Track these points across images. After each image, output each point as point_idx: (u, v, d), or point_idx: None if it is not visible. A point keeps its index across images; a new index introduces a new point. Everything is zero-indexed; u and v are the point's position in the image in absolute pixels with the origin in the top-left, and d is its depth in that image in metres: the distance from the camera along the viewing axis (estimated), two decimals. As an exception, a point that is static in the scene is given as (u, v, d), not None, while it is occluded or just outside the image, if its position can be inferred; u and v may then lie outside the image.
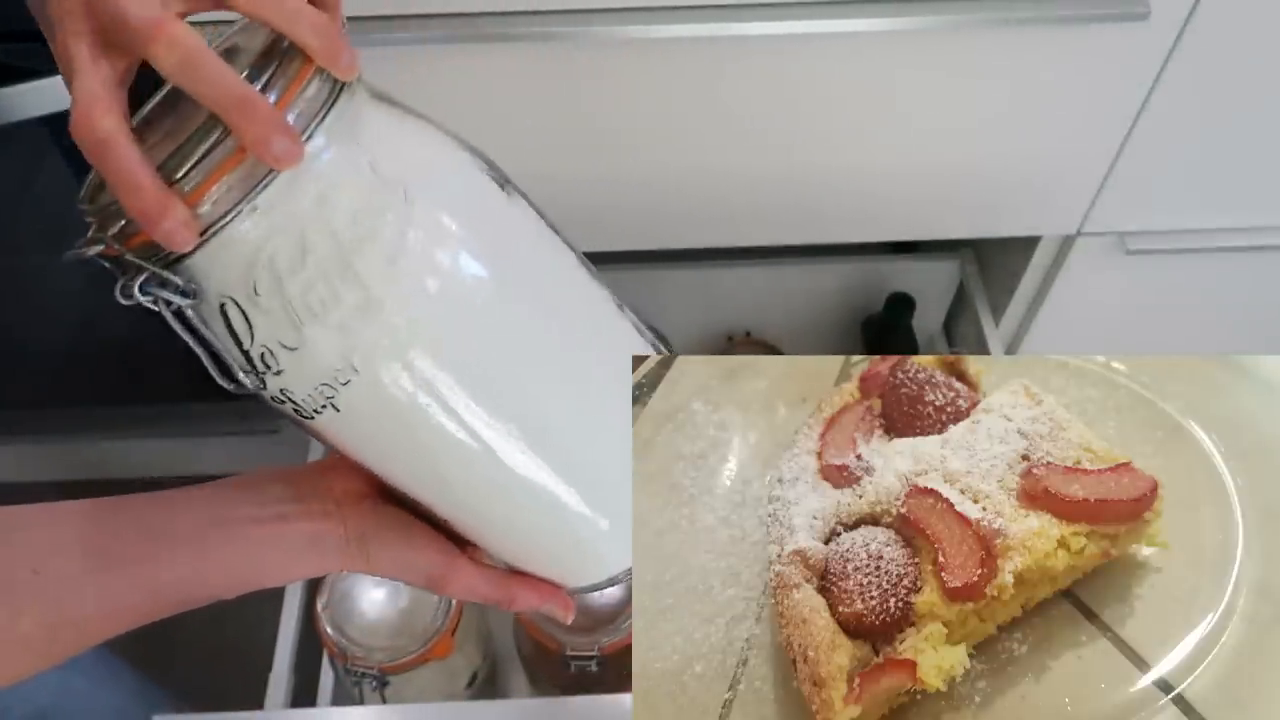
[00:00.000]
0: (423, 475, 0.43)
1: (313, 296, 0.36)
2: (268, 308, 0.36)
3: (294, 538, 0.45)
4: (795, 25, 0.73)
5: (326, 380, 0.37)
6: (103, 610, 0.43)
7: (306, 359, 0.36)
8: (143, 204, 0.34)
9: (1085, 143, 0.85)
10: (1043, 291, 1.02)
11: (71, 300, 0.99)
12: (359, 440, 0.41)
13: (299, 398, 0.38)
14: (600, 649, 0.75)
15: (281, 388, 0.38)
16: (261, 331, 0.37)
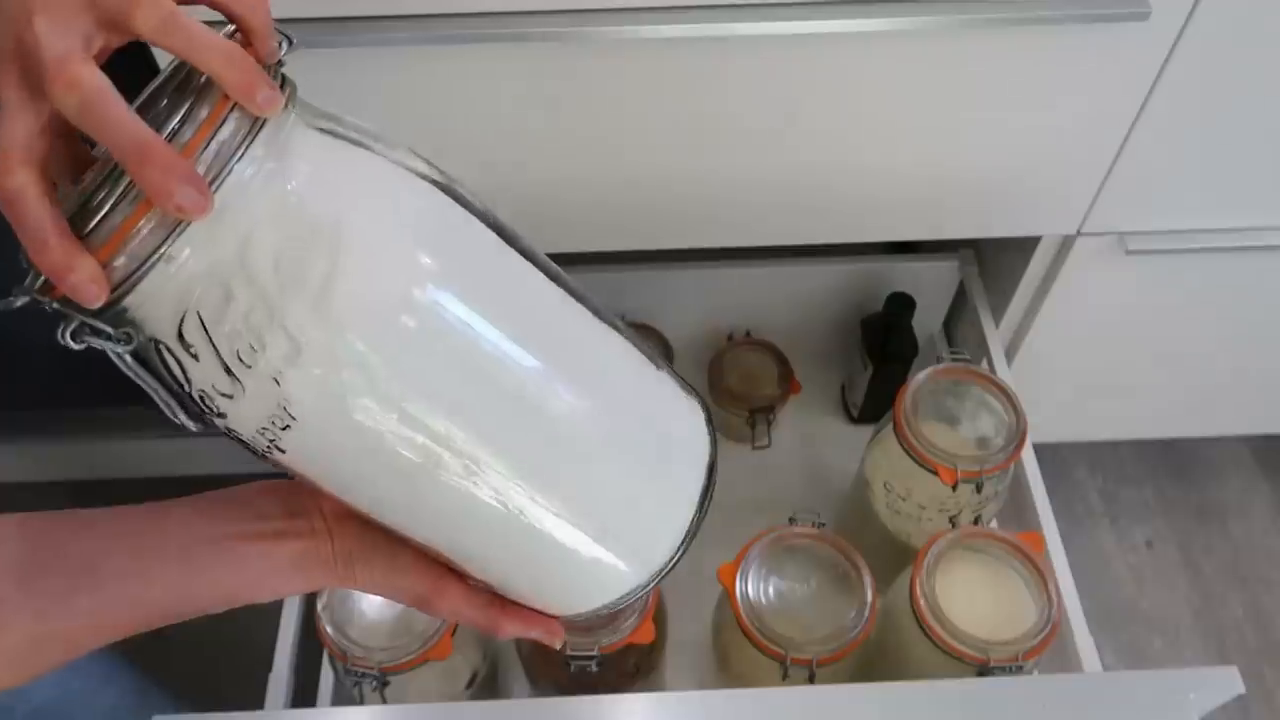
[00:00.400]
0: (383, 508, 0.42)
1: (240, 345, 0.34)
2: (198, 354, 0.35)
3: (281, 555, 0.45)
4: (795, 25, 0.73)
5: (265, 425, 0.36)
6: (88, 624, 0.43)
7: (243, 405, 0.35)
8: (49, 261, 0.33)
9: (1085, 143, 0.85)
10: (1043, 291, 1.02)
11: (71, 300, 0.99)
12: (314, 475, 0.40)
13: (245, 438, 0.37)
14: (600, 649, 0.75)
15: (227, 428, 0.37)
16: (196, 377, 0.35)
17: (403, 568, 0.46)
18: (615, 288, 1.10)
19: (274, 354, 0.34)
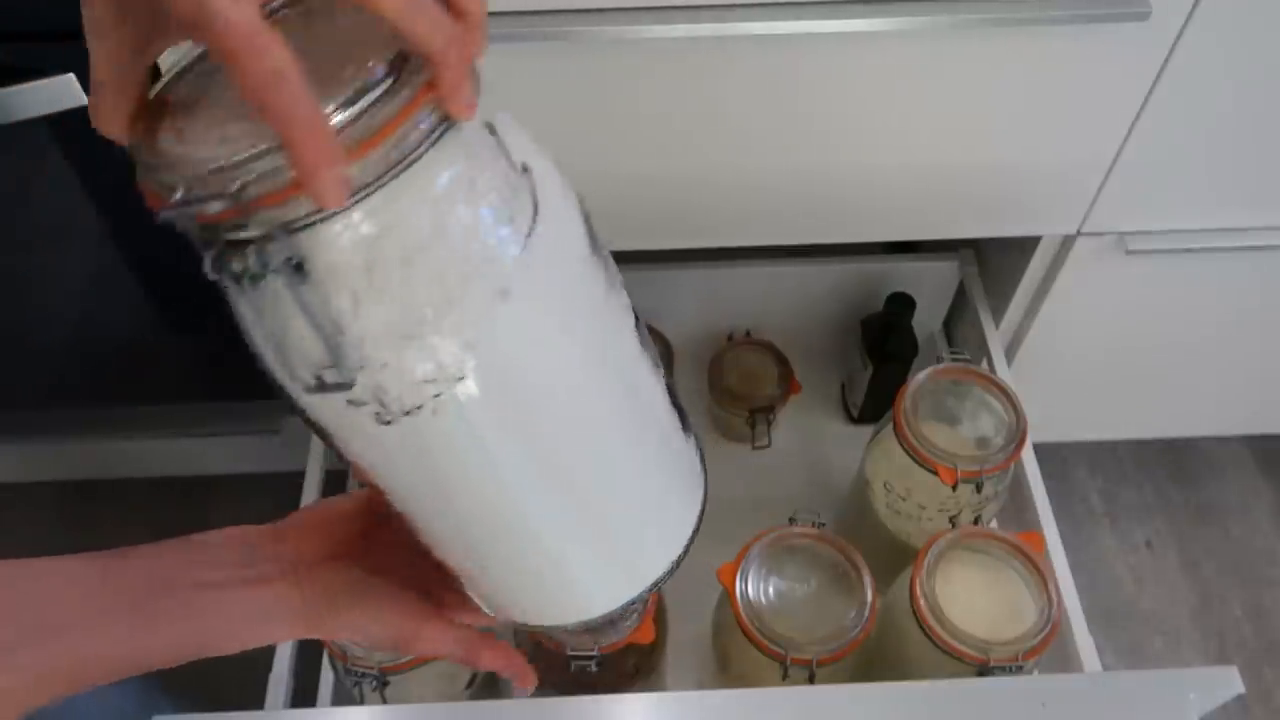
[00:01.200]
0: (460, 503, 0.39)
1: (444, 284, 0.33)
2: (385, 295, 0.32)
3: (244, 604, 0.43)
4: (795, 25, 0.73)
5: (431, 378, 0.34)
6: (36, 681, 0.40)
7: (415, 354, 0.33)
8: (315, 147, 0.29)
9: (1085, 143, 0.85)
10: (1043, 291, 1.02)
11: (71, 300, 0.99)
12: (415, 453, 0.37)
13: (390, 395, 0.34)
14: (600, 649, 0.75)
15: (378, 383, 0.34)
16: (369, 320, 0.33)
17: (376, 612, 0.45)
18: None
19: (479, 290, 0.33)
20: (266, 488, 1.23)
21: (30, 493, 1.29)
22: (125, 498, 1.30)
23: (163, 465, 1.29)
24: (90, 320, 1.02)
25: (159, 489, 1.30)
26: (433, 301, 0.33)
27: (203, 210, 0.31)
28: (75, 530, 1.28)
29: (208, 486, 1.31)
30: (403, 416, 0.34)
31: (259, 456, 1.25)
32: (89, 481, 1.28)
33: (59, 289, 0.98)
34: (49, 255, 0.94)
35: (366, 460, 0.38)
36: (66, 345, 1.05)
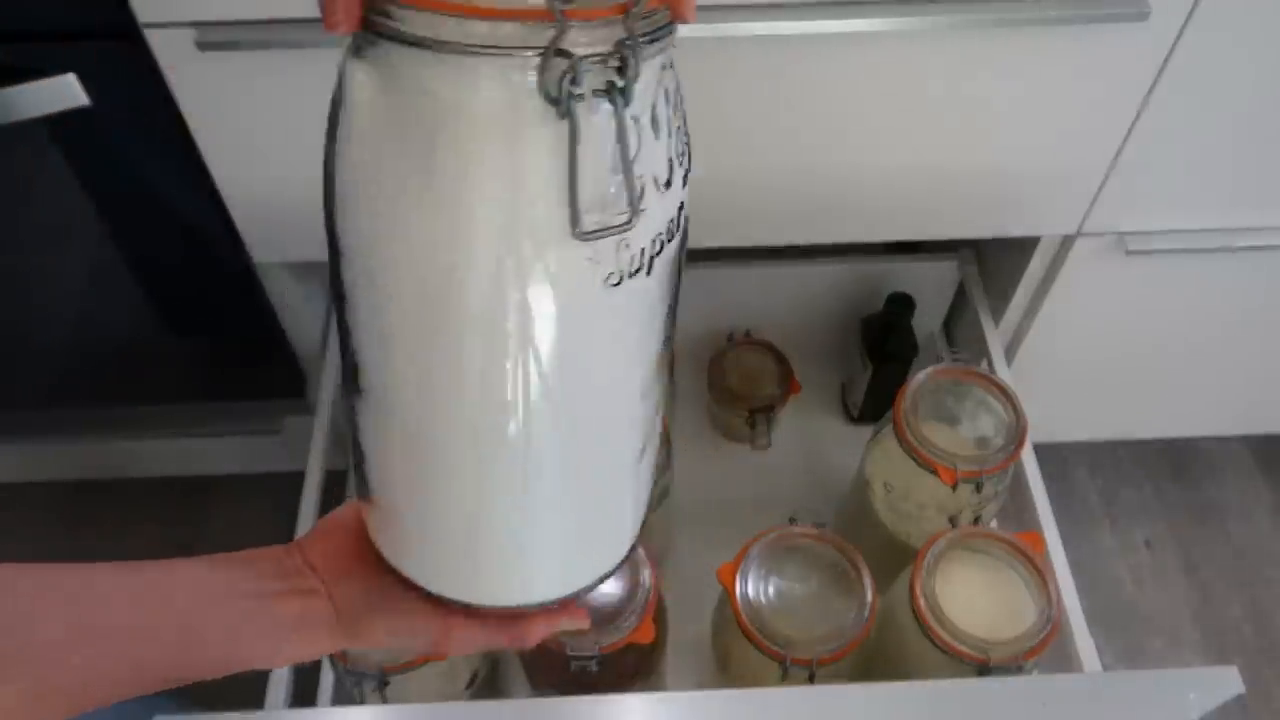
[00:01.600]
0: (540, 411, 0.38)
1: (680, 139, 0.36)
2: (659, 133, 0.34)
3: (280, 616, 0.44)
4: (796, 25, 0.73)
5: (660, 231, 0.35)
6: (87, 682, 0.41)
7: (665, 201, 0.35)
8: None
9: (1085, 143, 0.85)
10: (1042, 291, 1.02)
11: (71, 300, 0.99)
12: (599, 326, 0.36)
13: (644, 241, 0.35)
14: (600, 649, 0.75)
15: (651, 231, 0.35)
16: (649, 158, 0.34)
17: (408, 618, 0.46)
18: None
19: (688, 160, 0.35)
20: (266, 488, 1.23)
21: (30, 493, 1.29)
22: (125, 498, 1.30)
23: (163, 465, 1.29)
24: (90, 320, 1.02)
25: (159, 489, 1.30)
26: (674, 155, 0.35)
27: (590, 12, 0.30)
28: (75, 530, 1.28)
29: (208, 486, 1.31)
30: (627, 278, 0.35)
31: (259, 456, 1.25)
32: (89, 481, 1.28)
33: (59, 289, 0.98)
34: (49, 255, 0.94)
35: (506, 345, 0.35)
36: (66, 345, 1.05)
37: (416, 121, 0.32)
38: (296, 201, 0.87)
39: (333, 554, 0.47)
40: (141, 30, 0.72)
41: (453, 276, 0.33)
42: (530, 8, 0.30)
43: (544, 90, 0.30)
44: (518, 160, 0.32)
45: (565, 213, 0.32)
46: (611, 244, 0.33)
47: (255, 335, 1.04)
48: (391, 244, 0.34)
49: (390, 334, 0.37)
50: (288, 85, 0.77)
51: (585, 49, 0.30)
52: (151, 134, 0.81)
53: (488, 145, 0.32)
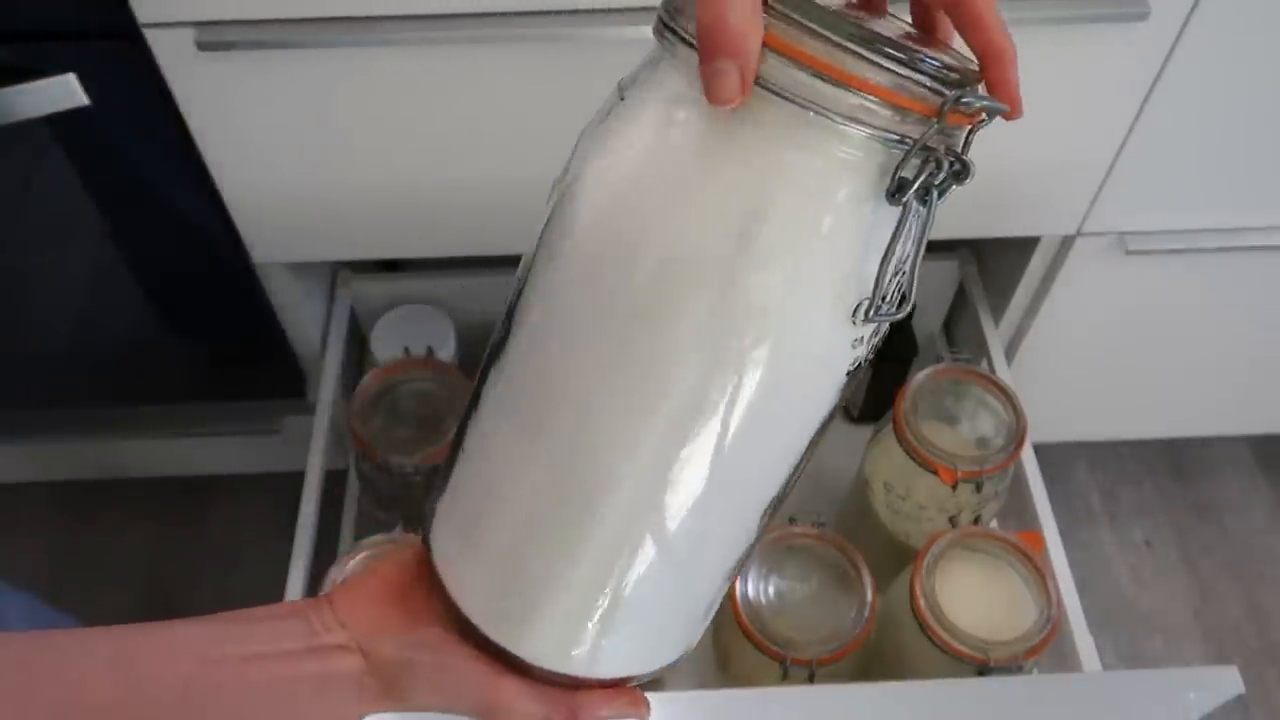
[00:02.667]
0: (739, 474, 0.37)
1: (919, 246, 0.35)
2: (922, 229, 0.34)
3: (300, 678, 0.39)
4: (795, 25, 0.73)
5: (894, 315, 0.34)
6: None
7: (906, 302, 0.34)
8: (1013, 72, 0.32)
9: (1085, 143, 0.85)
10: (1043, 291, 1.02)
11: (71, 300, 0.99)
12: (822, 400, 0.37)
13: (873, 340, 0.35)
14: (600, 649, 0.75)
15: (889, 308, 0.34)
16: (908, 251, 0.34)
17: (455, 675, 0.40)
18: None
19: None
20: (266, 488, 1.23)
21: (31, 492, 1.29)
22: (125, 498, 1.30)
23: (163, 465, 1.29)
24: (90, 320, 1.02)
25: (159, 489, 1.30)
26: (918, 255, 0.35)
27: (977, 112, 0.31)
28: (75, 530, 1.29)
29: (208, 486, 1.31)
30: (862, 364, 0.35)
31: (259, 456, 1.25)
32: (89, 481, 1.28)
33: (59, 289, 0.98)
34: (49, 255, 0.93)
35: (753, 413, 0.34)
36: (66, 345, 1.05)
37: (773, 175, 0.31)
38: (296, 201, 0.87)
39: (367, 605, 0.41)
40: (141, 30, 0.72)
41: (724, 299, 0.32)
42: (920, 101, 0.31)
43: (897, 178, 0.32)
44: (846, 233, 0.32)
45: (858, 291, 0.32)
46: (871, 332, 0.34)
47: (255, 335, 1.04)
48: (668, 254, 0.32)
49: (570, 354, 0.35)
50: (287, 85, 0.77)
51: (941, 144, 0.32)
52: (151, 134, 0.81)
53: (824, 211, 0.32)
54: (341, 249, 0.95)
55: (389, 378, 0.93)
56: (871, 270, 0.32)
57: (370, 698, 0.40)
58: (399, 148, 0.83)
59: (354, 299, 1.11)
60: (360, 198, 0.87)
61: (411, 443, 0.87)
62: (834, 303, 0.32)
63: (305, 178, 0.85)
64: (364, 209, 0.89)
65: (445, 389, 0.91)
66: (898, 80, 0.30)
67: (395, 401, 0.92)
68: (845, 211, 0.32)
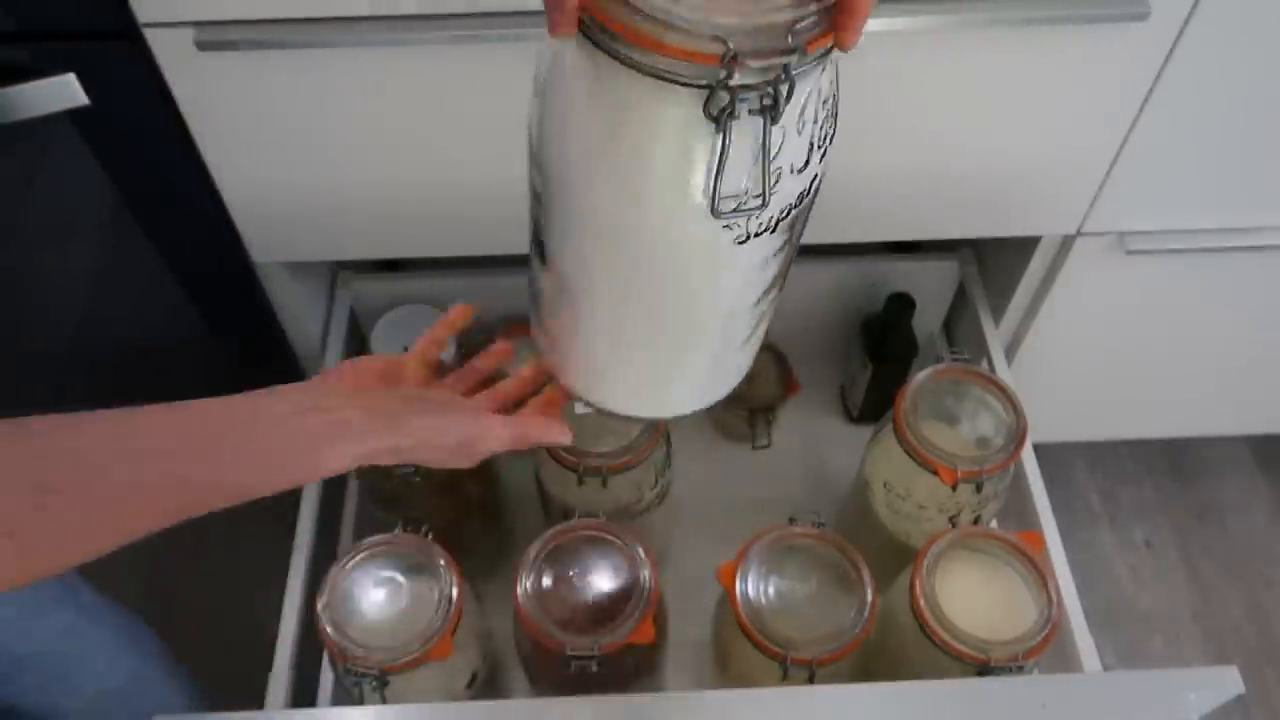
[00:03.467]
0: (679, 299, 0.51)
1: (821, 133, 0.45)
2: (802, 133, 0.43)
3: (315, 428, 0.49)
4: (795, 25, 0.73)
5: (791, 204, 0.46)
6: (133, 498, 0.45)
7: (796, 181, 0.45)
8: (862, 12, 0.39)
9: (1085, 143, 0.85)
10: (1043, 291, 1.02)
11: (72, 300, 0.99)
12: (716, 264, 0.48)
13: (778, 207, 0.46)
14: (600, 649, 0.75)
15: (781, 203, 0.45)
16: (788, 152, 0.43)
17: (442, 413, 0.54)
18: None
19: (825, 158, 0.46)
20: (266, 488, 1.23)
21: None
22: (125, 498, 1.30)
23: (163, 465, 1.29)
24: (91, 320, 1.02)
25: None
26: (815, 140, 0.45)
27: (752, 57, 0.38)
28: (75, 530, 1.28)
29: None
30: (754, 236, 0.46)
31: (259, 456, 1.25)
32: (89, 481, 1.28)
33: (59, 289, 0.98)
34: (49, 255, 0.94)
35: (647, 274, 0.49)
36: (67, 345, 1.05)
37: (615, 110, 0.42)
38: (296, 201, 0.87)
39: (359, 378, 0.54)
40: (141, 30, 0.72)
41: (625, 221, 0.46)
42: (705, 52, 0.38)
43: (707, 113, 0.40)
44: (681, 157, 0.43)
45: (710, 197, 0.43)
46: (744, 214, 0.44)
47: (255, 335, 1.04)
48: (586, 190, 0.46)
49: (577, 240, 0.50)
50: (287, 85, 0.77)
51: (747, 79, 0.39)
52: (151, 134, 0.81)
53: (660, 143, 0.43)
54: (341, 249, 0.95)
55: (389, 378, 0.93)
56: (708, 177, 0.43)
57: (375, 433, 0.50)
58: (399, 147, 0.83)
59: (354, 299, 1.11)
60: (360, 198, 0.87)
61: (411, 443, 0.87)
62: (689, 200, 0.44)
63: (305, 178, 0.85)
64: (364, 209, 0.89)
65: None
66: (682, 37, 0.38)
67: (395, 401, 0.92)
68: (673, 135, 0.42)
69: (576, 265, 0.52)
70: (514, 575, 0.78)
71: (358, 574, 0.79)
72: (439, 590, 0.77)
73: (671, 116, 0.41)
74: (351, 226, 0.91)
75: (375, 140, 0.82)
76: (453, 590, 0.77)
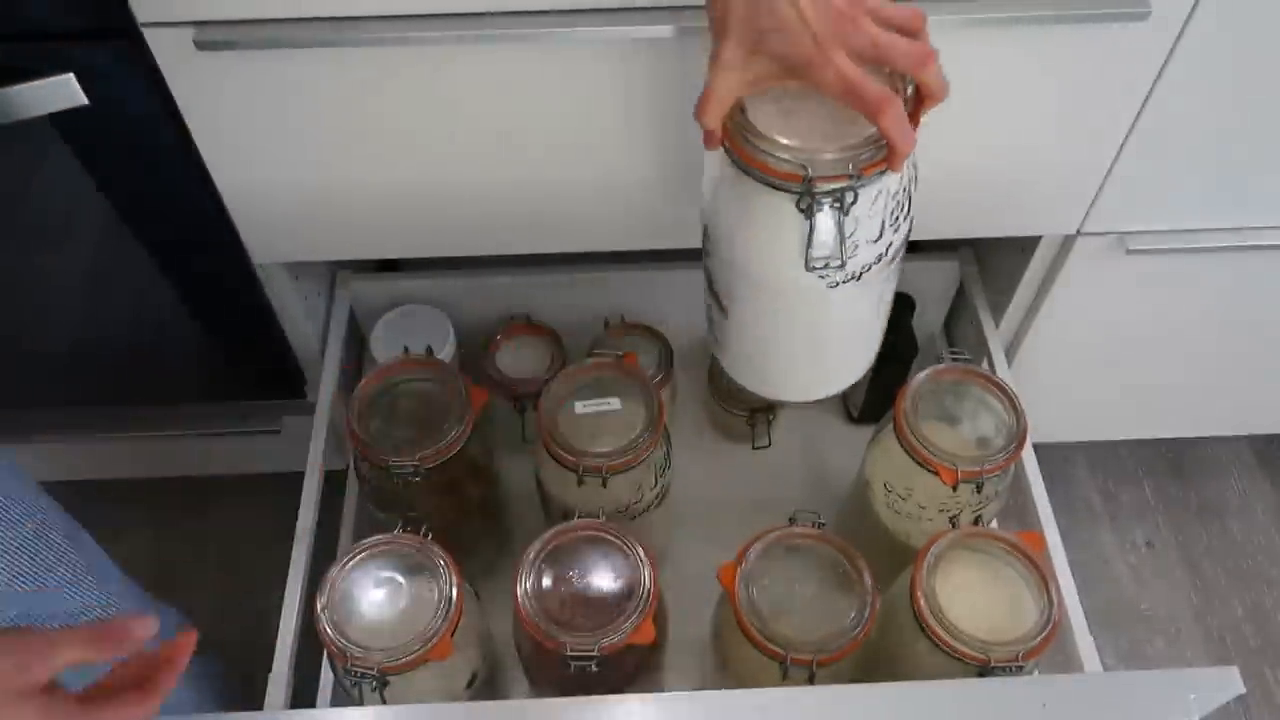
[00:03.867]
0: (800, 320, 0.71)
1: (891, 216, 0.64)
2: (873, 218, 0.63)
3: None
4: (795, 25, 0.73)
5: (871, 262, 0.65)
6: None
7: (871, 249, 0.64)
8: (907, 143, 0.56)
9: (1085, 143, 0.85)
10: (1043, 291, 1.02)
11: (71, 300, 0.99)
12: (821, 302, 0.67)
13: (858, 266, 0.64)
14: (600, 649, 0.75)
15: (850, 264, 0.64)
16: (861, 231, 0.63)
17: None
18: (615, 287, 1.09)
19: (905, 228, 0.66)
20: (266, 488, 1.23)
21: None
22: (125, 498, 1.30)
23: (163, 465, 1.29)
24: (90, 320, 1.02)
25: (159, 489, 1.30)
26: (887, 219, 0.64)
27: (823, 177, 0.59)
28: (75, 530, 1.28)
29: (208, 486, 1.31)
30: (843, 283, 0.65)
31: (259, 456, 1.25)
32: (89, 481, 1.28)
33: (59, 289, 0.98)
34: (49, 255, 0.93)
35: (775, 306, 0.70)
36: (67, 345, 1.05)
37: (745, 200, 0.64)
38: (296, 202, 0.87)
39: None
40: (141, 30, 0.72)
41: (756, 272, 0.67)
42: (795, 173, 0.59)
43: (798, 208, 0.61)
44: (788, 233, 0.63)
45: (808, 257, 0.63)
46: (832, 270, 0.64)
47: (255, 335, 1.04)
48: (731, 249, 0.68)
49: (729, 282, 0.71)
50: (287, 85, 0.77)
51: (825, 188, 0.59)
52: (151, 134, 0.81)
53: (773, 224, 0.63)
54: (341, 249, 0.95)
55: (388, 378, 0.93)
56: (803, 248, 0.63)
57: None
58: (399, 148, 0.83)
59: (354, 299, 1.11)
60: (360, 198, 0.87)
61: (411, 443, 0.87)
62: (789, 264, 0.64)
63: (305, 178, 0.85)
64: (364, 209, 0.89)
65: (444, 389, 0.91)
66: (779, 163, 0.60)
67: (394, 402, 0.92)
68: (774, 222, 0.63)
69: (731, 299, 0.72)
70: (514, 575, 0.78)
71: (357, 574, 0.79)
72: (439, 590, 0.77)
73: (779, 208, 0.61)
74: (351, 226, 0.91)
75: (375, 140, 0.82)
76: (453, 590, 0.77)
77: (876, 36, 0.54)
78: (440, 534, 0.80)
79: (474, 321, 1.10)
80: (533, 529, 0.84)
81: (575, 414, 0.91)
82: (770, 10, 0.53)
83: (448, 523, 0.93)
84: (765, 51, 0.55)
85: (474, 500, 0.97)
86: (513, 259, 1.05)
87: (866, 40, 0.54)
